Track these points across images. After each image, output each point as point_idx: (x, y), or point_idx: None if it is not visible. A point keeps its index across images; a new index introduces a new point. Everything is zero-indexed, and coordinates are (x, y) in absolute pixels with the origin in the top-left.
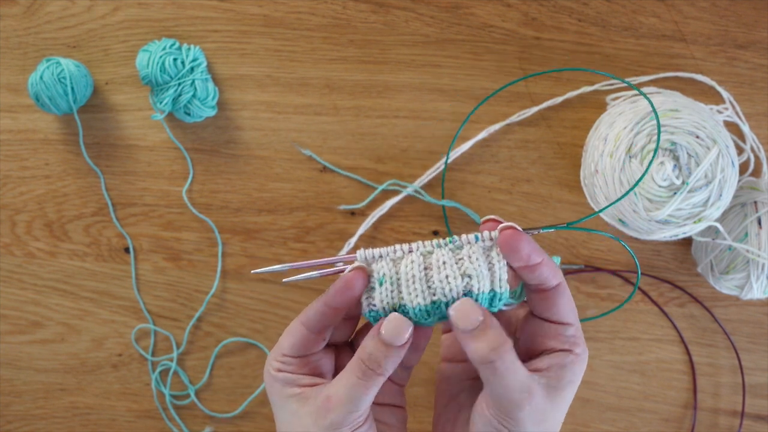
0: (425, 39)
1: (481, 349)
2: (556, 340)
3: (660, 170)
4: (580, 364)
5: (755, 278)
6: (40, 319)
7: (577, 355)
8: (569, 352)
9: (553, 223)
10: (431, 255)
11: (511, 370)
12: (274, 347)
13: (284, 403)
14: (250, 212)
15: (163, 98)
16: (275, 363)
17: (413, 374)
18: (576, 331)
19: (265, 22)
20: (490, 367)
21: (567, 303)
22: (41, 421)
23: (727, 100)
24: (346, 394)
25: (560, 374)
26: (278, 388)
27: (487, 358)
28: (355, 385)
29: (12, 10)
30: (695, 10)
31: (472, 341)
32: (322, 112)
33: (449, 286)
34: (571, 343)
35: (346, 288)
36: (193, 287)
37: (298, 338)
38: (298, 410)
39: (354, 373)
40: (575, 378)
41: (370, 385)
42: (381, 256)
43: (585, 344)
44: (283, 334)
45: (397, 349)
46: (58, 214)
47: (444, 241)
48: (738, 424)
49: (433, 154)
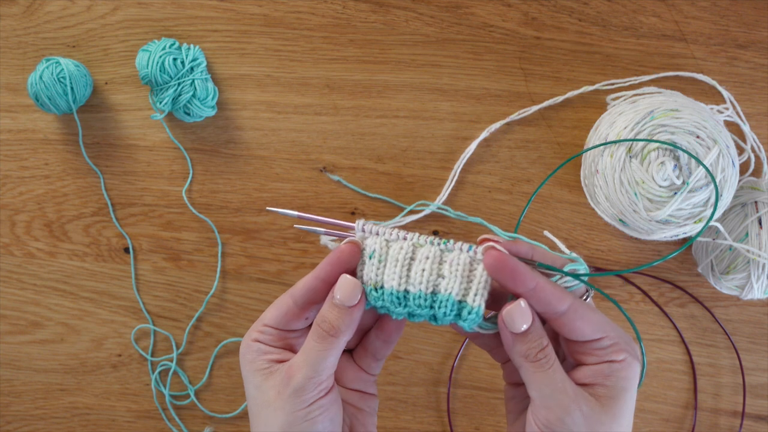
0: (425, 39)
1: (531, 350)
2: (591, 356)
3: (660, 170)
4: (628, 369)
5: (755, 278)
6: (40, 319)
7: (622, 361)
8: (610, 362)
9: (553, 223)
10: (421, 248)
11: (554, 371)
12: (255, 322)
13: (251, 377)
14: (250, 212)
15: (163, 98)
16: (253, 333)
17: (413, 374)
18: (612, 340)
19: (265, 21)
20: (538, 365)
21: (588, 323)
22: (41, 422)
23: (728, 99)
24: (305, 359)
25: (607, 383)
26: (249, 360)
27: (536, 357)
28: (312, 349)
29: (12, 10)
30: (696, 10)
31: (523, 343)
32: (322, 112)
33: (420, 279)
34: (608, 352)
35: (337, 260)
36: (192, 287)
37: (283, 310)
38: (262, 384)
39: (312, 338)
40: (627, 384)
41: (327, 347)
42: (378, 233)
43: (630, 346)
44: (266, 309)
45: (349, 310)
46: (58, 214)
47: (438, 240)
48: (738, 424)
49: (432, 154)
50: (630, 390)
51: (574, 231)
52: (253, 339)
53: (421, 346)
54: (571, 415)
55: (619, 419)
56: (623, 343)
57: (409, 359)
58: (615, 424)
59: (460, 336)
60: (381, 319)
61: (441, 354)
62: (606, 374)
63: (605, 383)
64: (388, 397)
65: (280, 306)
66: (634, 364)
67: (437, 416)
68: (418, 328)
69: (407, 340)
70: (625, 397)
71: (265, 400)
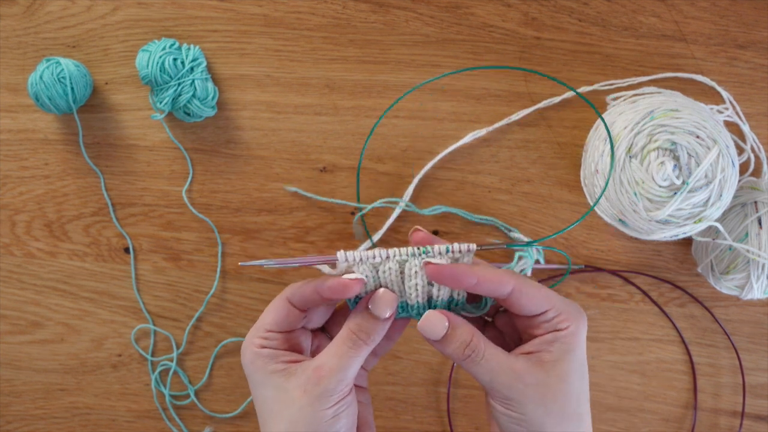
0: (425, 39)
1: (456, 350)
2: (539, 329)
3: (660, 170)
4: (571, 336)
5: (755, 278)
6: (40, 319)
7: (565, 329)
8: (555, 332)
9: (553, 223)
10: (405, 263)
11: (489, 356)
12: (253, 327)
13: (268, 380)
14: (250, 212)
15: (163, 98)
16: (257, 340)
17: (413, 374)
18: (555, 311)
19: (265, 21)
20: (470, 360)
21: (531, 298)
22: (41, 422)
23: (727, 100)
24: (337, 363)
25: (550, 348)
26: (261, 365)
27: (464, 354)
28: (345, 355)
29: (12, 10)
30: (695, 10)
31: (447, 346)
32: (322, 112)
33: (415, 293)
34: (554, 323)
35: (342, 290)
36: (192, 287)
37: (282, 314)
38: (283, 384)
39: (345, 343)
40: (570, 347)
41: (358, 354)
42: (362, 260)
43: (574, 312)
44: (263, 313)
45: (383, 321)
46: (58, 214)
47: (419, 250)
48: (738, 424)
49: (432, 154)
50: (574, 351)
51: (574, 231)
52: (259, 346)
53: (421, 346)
54: (517, 390)
55: (566, 379)
56: (567, 313)
57: (409, 359)
58: (563, 384)
59: None
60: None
61: (441, 354)
62: (550, 341)
63: (549, 349)
64: (388, 397)
65: (278, 310)
66: (578, 331)
67: (437, 416)
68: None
69: (407, 340)
70: (569, 358)
71: (288, 399)
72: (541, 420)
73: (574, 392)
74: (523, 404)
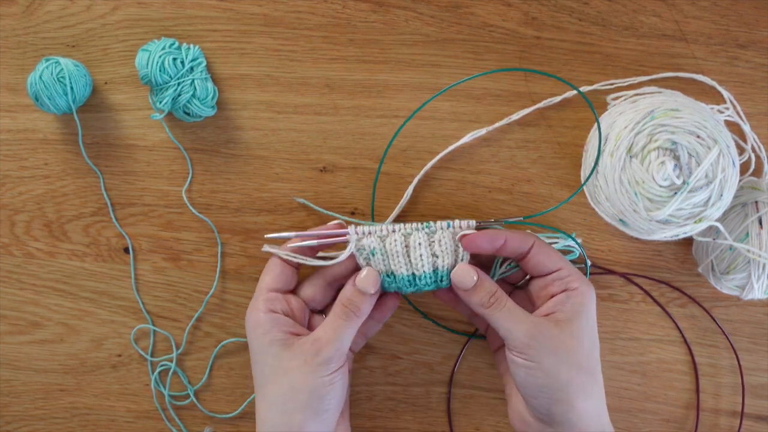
0: (425, 39)
1: (483, 297)
2: (553, 286)
3: (661, 170)
4: (581, 296)
5: (756, 278)
6: (39, 319)
7: (576, 289)
8: (567, 290)
9: (553, 223)
10: (410, 236)
11: (510, 309)
12: (255, 293)
13: (267, 348)
14: (250, 212)
15: (163, 98)
16: (261, 304)
17: (413, 374)
18: (568, 272)
19: (265, 21)
20: (494, 307)
21: (548, 255)
22: (40, 422)
23: (728, 99)
24: (333, 333)
25: (564, 308)
26: (264, 331)
27: (489, 302)
28: (340, 326)
29: (11, 10)
30: (696, 10)
31: (475, 295)
32: (322, 111)
33: (421, 263)
34: (566, 282)
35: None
36: (192, 287)
37: (278, 270)
38: (280, 353)
39: (339, 316)
40: (581, 308)
41: (352, 324)
42: (370, 232)
43: (583, 279)
44: (261, 277)
45: (369, 296)
46: (57, 214)
47: (422, 225)
48: (738, 424)
49: (432, 154)
50: (585, 312)
51: (574, 231)
52: (266, 310)
53: (421, 346)
54: (534, 337)
55: (577, 336)
56: (577, 275)
57: (409, 359)
58: (575, 340)
59: (460, 337)
60: (379, 301)
61: (441, 354)
62: (563, 302)
63: (563, 309)
64: (388, 397)
65: (274, 268)
66: (588, 292)
67: (437, 416)
68: (417, 328)
69: (407, 340)
70: (581, 318)
71: (288, 367)
72: (555, 368)
73: (584, 348)
74: (539, 351)
